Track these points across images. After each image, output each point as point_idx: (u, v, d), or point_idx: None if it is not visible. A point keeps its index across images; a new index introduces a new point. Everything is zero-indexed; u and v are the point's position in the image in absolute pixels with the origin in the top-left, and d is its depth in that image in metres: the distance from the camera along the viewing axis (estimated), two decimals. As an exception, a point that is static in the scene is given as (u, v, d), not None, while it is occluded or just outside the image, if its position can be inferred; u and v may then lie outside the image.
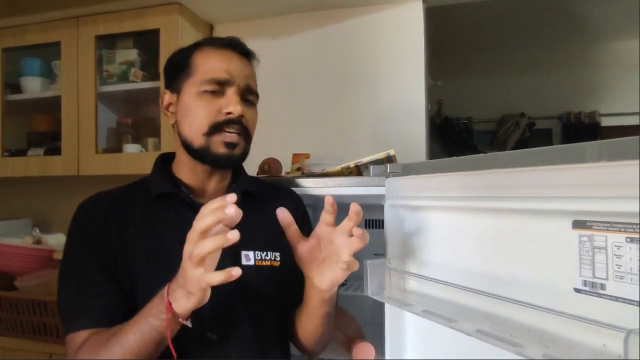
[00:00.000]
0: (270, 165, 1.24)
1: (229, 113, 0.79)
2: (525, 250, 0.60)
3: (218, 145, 0.79)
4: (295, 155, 1.34)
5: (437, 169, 0.74)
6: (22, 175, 1.68)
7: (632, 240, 0.48)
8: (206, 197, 0.84)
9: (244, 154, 0.84)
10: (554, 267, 0.57)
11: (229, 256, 0.76)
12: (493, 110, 2.83)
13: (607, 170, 0.49)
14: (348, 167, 0.98)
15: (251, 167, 1.24)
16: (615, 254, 0.50)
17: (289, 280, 0.84)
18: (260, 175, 1.18)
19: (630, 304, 0.48)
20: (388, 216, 0.81)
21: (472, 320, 0.61)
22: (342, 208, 1.30)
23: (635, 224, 0.48)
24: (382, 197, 0.86)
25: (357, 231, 0.67)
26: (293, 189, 0.99)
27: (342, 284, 1.13)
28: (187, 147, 0.81)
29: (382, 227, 1.27)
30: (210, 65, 0.80)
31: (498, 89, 2.85)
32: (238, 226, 0.74)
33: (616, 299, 0.50)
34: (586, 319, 0.46)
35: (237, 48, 0.84)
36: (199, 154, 0.80)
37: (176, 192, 0.81)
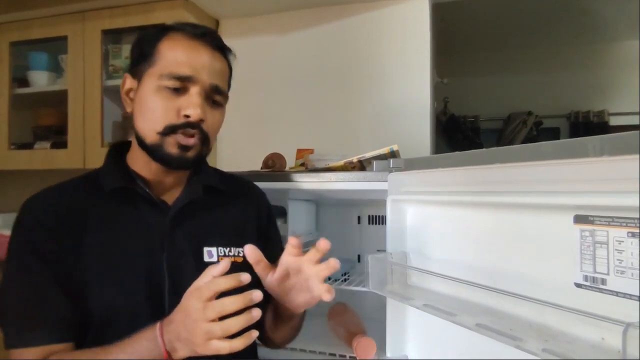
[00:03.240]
0: (274, 160, 1.24)
1: (187, 116, 0.71)
2: (527, 245, 0.61)
3: (171, 145, 0.72)
4: (299, 151, 1.34)
5: (439, 164, 0.74)
6: (27, 168, 1.70)
7: (633, 235, 0.48)
8: (164, 191, 0.78)
9: (200, 156, 0.76)
10: (555, 262, 0.57)
11: (190, 253, 0.75)
12: (500, 109, 2.81)
13: (609, 164, 0.49)
14: (351, 162, 0.98)
15: (255, 161, 1.25)
16: (616, 249, 0.50)
17: (252, 277, 0.76)
18: (263, 170, 1.18)
19: (630, 298, 0.48)
20: (390, 211, 0.82)
21: (472, 315, 0.61)
22: (345, 203, 1.34)
23: (637, 218, 0.48)
24: (384, 192, 0.86)
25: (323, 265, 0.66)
26: (296, 183, 0.99)
27: (344, 279, 1.14)
28: (140, 141, 0.74)
29: (385, 223, 1.30)
30: (175, 56, 0.71)
31: (505, 88, 2.83)
32: (200, 221, 0.78)
33: (617, 294, 0.50)
34: (584, 312, 0.46)
35: (210, 40, 0.74)
36: (151, 151, 0.73)
37: (132, 186, 0.75)
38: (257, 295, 0.59)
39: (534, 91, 2.75)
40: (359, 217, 1.33)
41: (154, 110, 0.71)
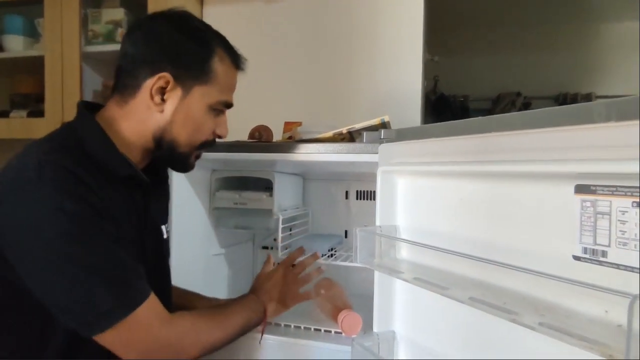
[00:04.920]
0: (260, 133, 1.20)
1: (219, 136, 0.82)
2: (523, 216, 0.58)
3: (194, 157, 0.82)
4: (287, 124, 1.29)
5: (433, 133, 0.71)
6: (4, 137, 1.62)
7: (638, 204, 0.46)
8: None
9: None
10: (552, 234, 0.54)
11: (154, 233, 0.82)
12: (489, 89, 2.78)
13: (615, 130, 0.46)
14: (340, 134, 0.95)
15: (241, 134, 1.20)
16: (619, 220, 0.47)
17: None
18: (249, 141, 1.14)
19: (632, 271, 0.46)
20: (381, 183, 0.79)
21: (465, 288, 0.59)
22: (333, 177, 1.31)
23: (643, 187, 0.45)
24: (374, 165, 0.83)
25: None
26: (283, 154, 0.96)
27: (331, 255, 1.12)
28: (166, 144, 0.76)
29: (373, 199, 1.27)
30: (228, 84, 0.80)
31: (495, 68, 2.80)
32: (157, 199, 0.85)
33: (617, 266, 0.47)
34: (587, 284, 0.44)
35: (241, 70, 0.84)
36: (173, 157, 0.79)
37: (137, 173, 0.75)
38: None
39: (524, 72, 2.73)
40: (346, 192, 1.31)
41: (200, 126, 0.78)
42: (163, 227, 0.85)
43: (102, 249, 0.65)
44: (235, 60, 0.81)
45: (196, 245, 1.13)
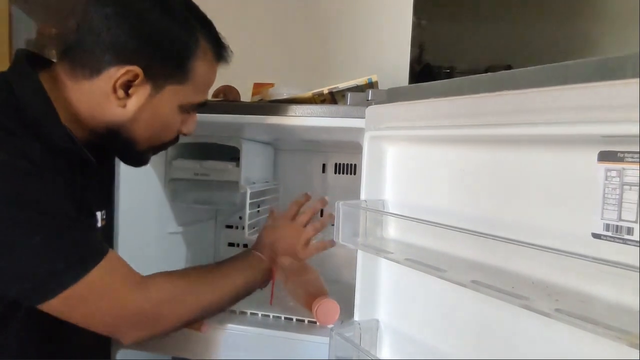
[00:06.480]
0: (225, 94, 1.15)
1: (184, 134, 0.79)
2: (534, 189, 0.56)
3: (151, 155, 0.80)
4: (256, 85, 1.23)
5: (431, 92, 0.67)
6: None
7: (674, 173, 0.43)
8: None
9: None
10: (569, 208, 0.52)
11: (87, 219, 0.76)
12: (478, 61, 2.78)
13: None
14: (321, 94, 0.90)
15: (203, 94, 1.14)
16: (650, 192, 0.45)
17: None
18: (213, 99, 1.09)
19: (663, 251, 0.44)
20: (368, 151, 0.75)
21: (465, 271, 0.57)
22: (309, 148, 1.27)
23: (681, 153, 0.42)
24: (359, 132, 0.79)
25: None
26: (252, 117, 0.91)
27: None
28: (122, 140, 0.72)
29: (355, 173, 1.25)
30: (206, 83, 0.76)
31: (485, 37, 2.80)
32: (98, 184, 0.80)
33: (645, 245, 0.45)
34: (614, 263, 0.41)
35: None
36: (126, 152, 0.77)
37: (82, 152, 0.69)
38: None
39: (515, 43, 2.74)
40: (324, 165, 1.28)
41: (165, 127, 0.75)
42: (99, 214, 0.80)
43: (40, 201, 0.60)
44: (219, 53, 0.76)
45: (149, 223, 1.08)
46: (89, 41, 0.66)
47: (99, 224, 0.80)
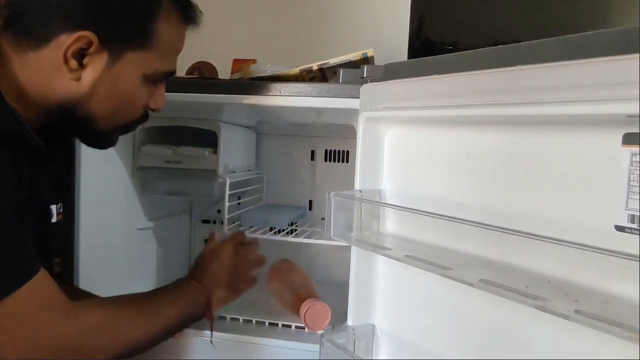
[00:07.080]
0: (201, 71, 1.16)
1: (152, 109, 0.77)
2: (550, 176, 0.56)
3: (117, 135, 0.78)
4: (236, 61, 1.23)
5: (433, 68, 0.67)
6: None
7: None
8: None
9: None
10: (589, 198, 0.52)
11: (38, 214, 0.75)
12: (484, 36, 2.79)
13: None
14: (310, 71, 0.90)
15: (177, 73, 1.14)
16: (681, 179, 0.45)
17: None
18: (187, 77, 1.09)
19: (695, 246, 0.44)
20: (363, 134, 0.76)
21: (472, 269, 0.57)
22: (296, 132, 1.27)
23: None
24: (352, 114, 0.80)
25: None
26: (232, 96, 0.90)
27: (291, 230, 1.10)
28: (79, 119, 0.70)
29: (347, 161, 1.25)
30: (173, 49, 0.74)
31: (492, 10, 2.81)
32: (51, 174, 0.78)
33: (675, 239, 0.45)
34: (634, 257, 0.41)
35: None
36: (86, 133, 0.75)
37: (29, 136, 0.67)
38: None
39: (525, 17, 2.75)
40: (312, 152, 1.30)
41: (128, 102, 0.73)
42: (53, 208, 0.80)
43: None
44: (185, 14, 0.74)
45: (114, 217, 1.08)
46: (34, 6, 0.64)
47: (54, 219, 0.80)
